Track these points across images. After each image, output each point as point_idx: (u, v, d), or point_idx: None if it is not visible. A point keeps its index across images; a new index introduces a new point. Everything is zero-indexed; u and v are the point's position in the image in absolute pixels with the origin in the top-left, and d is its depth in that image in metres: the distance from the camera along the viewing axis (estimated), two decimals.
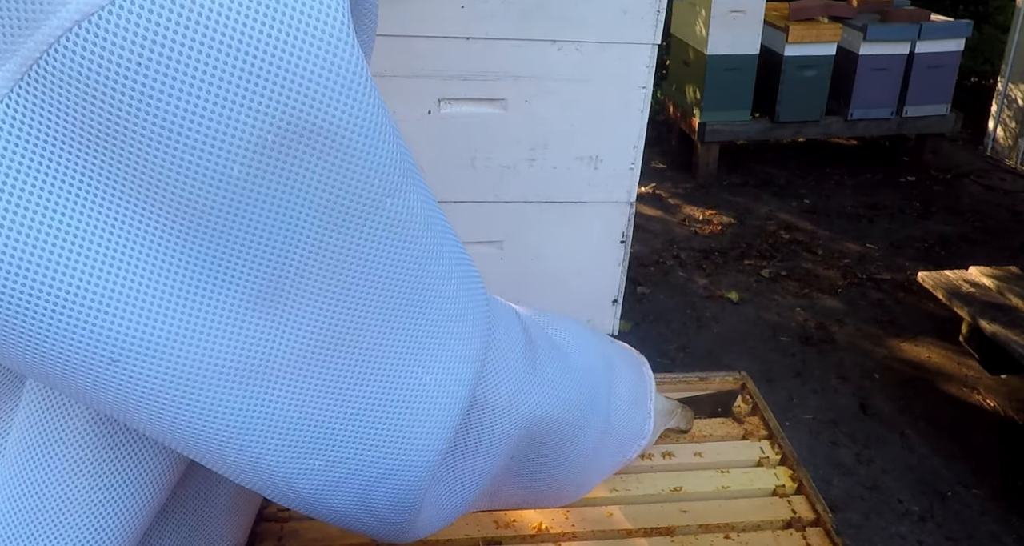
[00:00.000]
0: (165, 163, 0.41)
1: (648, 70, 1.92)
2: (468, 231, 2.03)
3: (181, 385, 0.45)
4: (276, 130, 0.41)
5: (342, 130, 0.43)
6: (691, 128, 4.71)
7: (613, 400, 0.79)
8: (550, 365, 0.69)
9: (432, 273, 0.53)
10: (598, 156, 1.99)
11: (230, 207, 0.43)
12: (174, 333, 0.44)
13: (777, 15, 4.62)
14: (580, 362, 0.75)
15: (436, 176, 1.96)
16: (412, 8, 1.79)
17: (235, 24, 0.39)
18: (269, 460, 0.50)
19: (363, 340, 0.51)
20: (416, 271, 0.52)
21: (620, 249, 2.09)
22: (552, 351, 0.71)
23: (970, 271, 3.23)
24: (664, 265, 3.89)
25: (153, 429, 0.48)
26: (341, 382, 0.51)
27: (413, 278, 0.52)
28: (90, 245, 0.42)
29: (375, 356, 0.52)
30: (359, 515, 0.57)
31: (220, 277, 0.44)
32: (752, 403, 1.23)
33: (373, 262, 0.49)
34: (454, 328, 0.55)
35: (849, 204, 4.61)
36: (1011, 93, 5.04)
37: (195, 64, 0.39)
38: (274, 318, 0.47)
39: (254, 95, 0.40)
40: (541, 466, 0.73)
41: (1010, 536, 2.43)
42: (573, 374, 0.72)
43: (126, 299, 0.43)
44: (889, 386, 3.09)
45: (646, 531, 0.99)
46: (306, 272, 0.47)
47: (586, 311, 2.15)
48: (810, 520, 1.02)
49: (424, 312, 0.53)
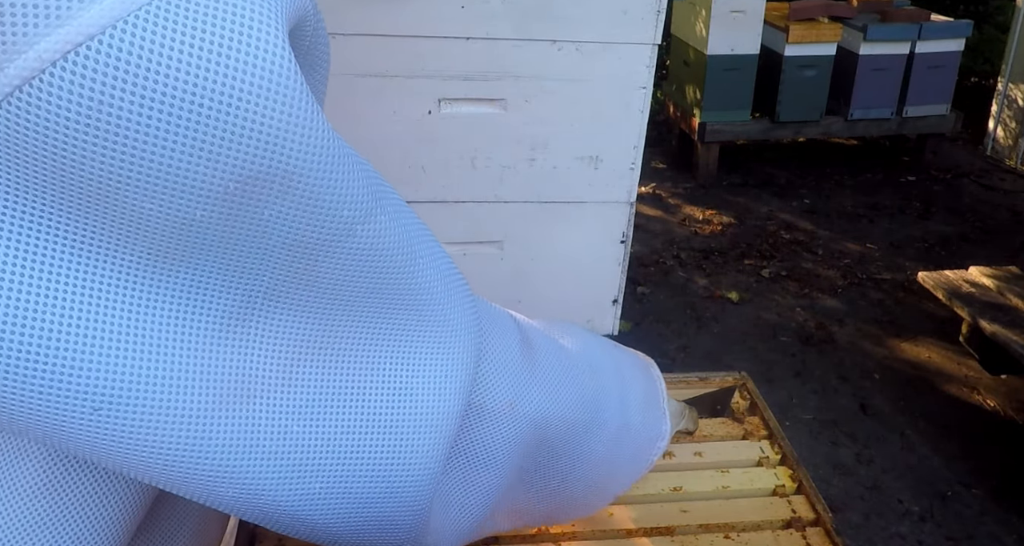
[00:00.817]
0: (127, 210, 0.41)
1: (648, 70, 1.92)
2: (468, 231, 2.03)
3: (165, 423, 0.44)
4: (237, 179, 0.42)
5: (303, 173, 0.44)
6: (691, 128, 4.71)
7: (626, 400, 0.78)
8: (551, 366, 0.68)
9: (410, 285, 0.53)
10: (598, 156, 1.99)
11: (196, 245, 0.43)
12: (152, 372, 0.43)
13: (777, 15, 4.62)
14: (584, 362, 0.74)
15: (436, 176, 1.96)
16: (412, 8, 1.79)
17: (185, 80, 0.39)
18: (264, 488, 0.49)
19: (345, 354, 0.50)
20: (394, 286, 0.52)
21: (620, 249, 2.09)
22: (553, 352, 0.70)
23: (970, 271, 3.23)
24: (664, 265, 3.89)
25: (143, 473, 0.47)
26: (328, 398, 0.50)
27: (391, 293, 0.52)
28: (55, 293, 0.41)
29: (359, 370, 0.51)
30: (366, 534, 0.56)
31: (190, 308, 0.44)
32: (752, 403, 1.23)
33: (347, 284, 0.49)
34: (440, 335, 0.55)
35: (849, 204, 4.61)
36: (1011, 93, 5.04)
37: (149, 118, 0.39)
38: (249, 341, 0.46)
39: (211, 147, 0.40)
40: (555, 470, 0.72)
41: (1010, 536, 2.43)
42: (577, 374, 0.71)
43: (99, 343, 0.42)
44: (889, 386, 3.09)
45: (646, 531, 0.99)
46: (278, 296, 0.47)
47: (586, 311, 2.15)
48: (810, 520, 1.02)
49: (406, 323, 0.53)
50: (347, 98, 1.84)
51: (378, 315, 0.51)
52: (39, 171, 0.39)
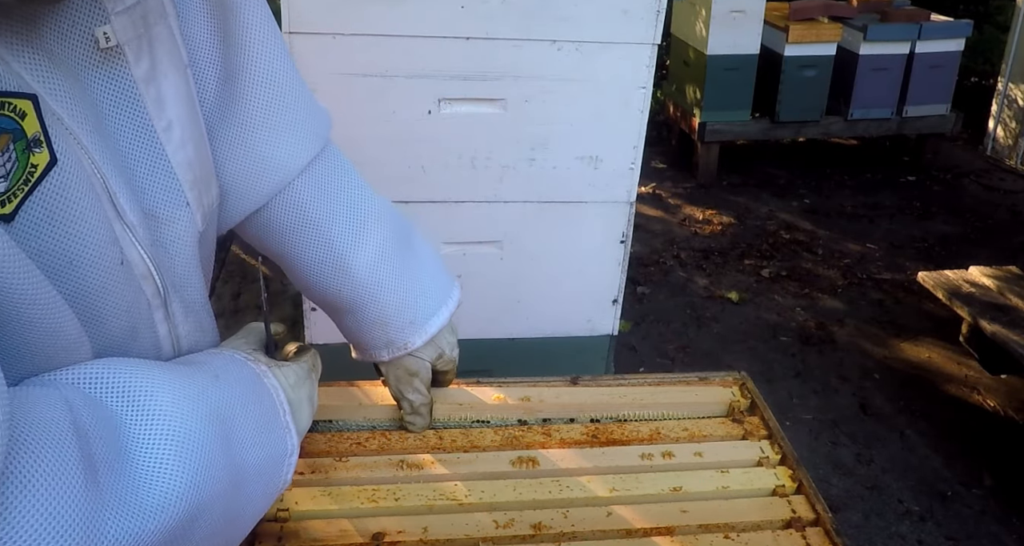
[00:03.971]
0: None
1: (648, 70, 1.92)
2: (468, 231, 2.02)
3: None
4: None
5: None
6: (691, 128, 4.71)
7: (233, 452, 0.71)
8: (119, 481, 0.59)
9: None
10: (598, 156, 1.99)
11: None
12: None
13: (777, 15, 4.62)
14: (175, 444, 0.64)
15: (436, 176, 1.96)
16: (412, 8, 1.79)
17: None
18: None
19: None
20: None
21: (620, 249, 2.09)
22: (117, 460, 0.60)
23: (970, 271, 3.23)
24: (664, 265, 3.89)
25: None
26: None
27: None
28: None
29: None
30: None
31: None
32: (752, 403, 1.23)
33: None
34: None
35: (849, 204, 4.61)
36: (1011, 93, 5.04)
37: None
38: None
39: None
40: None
41: (1010, 536, 2.43)
42: (163, 471, 0.62)
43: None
44: (889, 386, 3.09)
45: (646, 531, 0.99)
46: None
47: (586, 311, 2.15)
48: (810, 520, 1.02)
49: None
50: (347, 98, 1.84)
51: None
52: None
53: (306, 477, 1.03)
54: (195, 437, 0.66)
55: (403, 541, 0.95)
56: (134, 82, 0.70)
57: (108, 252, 0.66)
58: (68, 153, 0.62)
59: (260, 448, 0.75)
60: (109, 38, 0.66)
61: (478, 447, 1.10)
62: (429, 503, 1.00)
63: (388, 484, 1.03)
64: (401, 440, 1.11)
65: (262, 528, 0.96)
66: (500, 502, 1.01)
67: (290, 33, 1.77)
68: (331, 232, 0.97)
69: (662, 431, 1.15)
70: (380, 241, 0.99)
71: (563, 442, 1.12)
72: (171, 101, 0.73)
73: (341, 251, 0.97)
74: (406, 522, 0.97)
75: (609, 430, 1.15)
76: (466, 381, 1.20)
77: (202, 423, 0.67)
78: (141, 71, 0.70)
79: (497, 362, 2.05)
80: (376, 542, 0.95)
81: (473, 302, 2.16)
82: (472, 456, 1.08)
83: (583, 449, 1.11)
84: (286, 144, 0.90)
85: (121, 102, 0.69)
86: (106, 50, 0.66)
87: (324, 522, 0.97)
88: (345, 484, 1.03)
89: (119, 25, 0.66)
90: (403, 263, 1.02)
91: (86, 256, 0.64)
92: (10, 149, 0.56)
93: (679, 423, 1.17)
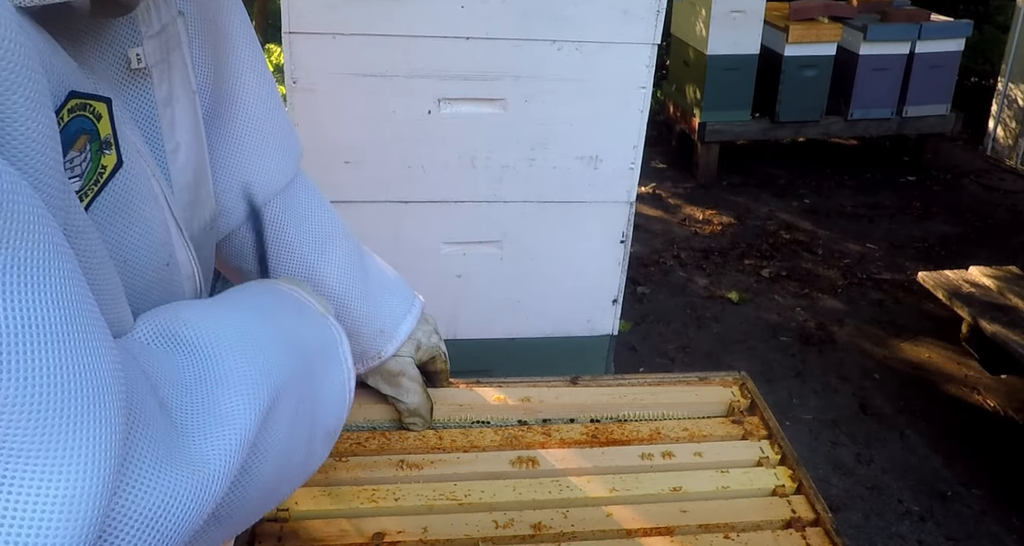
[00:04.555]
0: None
1: (648, 70, 1.92)
2: (468, 231, 2.02)
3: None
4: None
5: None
6: (691, 128, 4.71)
7: (287, 331, 0.75)
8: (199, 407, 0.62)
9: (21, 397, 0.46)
10: (598, 156, 1.99)
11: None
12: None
13: (777, 15, 4.62)
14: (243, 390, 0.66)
15: (436, 176, 1.96)
16: (412, 8, 1.79)
17: None
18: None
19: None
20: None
21: (620, 249, 2.09)
22: (205, 392, 0.63)
23: (970, 271, 3.23)
24: (664, 265, 3.89)
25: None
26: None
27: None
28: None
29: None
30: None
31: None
32: (752, 403, 1.23)
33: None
34: (69, 436, 0.47)
35: (849, 204, 4.61)
36: (1011, 93, 5.04)
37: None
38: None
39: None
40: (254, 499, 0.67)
41: (1010, 536, 2.43)
42: (234, 408, 0.64)
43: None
44: (889, 386, 3.09)
45: (646, 531, 0.99)
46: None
47: (586, 311, 2.15)
48: (810, 520, 1.02)
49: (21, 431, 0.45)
50: (347, 98, 1.84)
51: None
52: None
53: None
54: (251, 333, 0.70)
55: (403, 541, 0.95)
56: (154, 103, 0.72)
57: (159, 253, 0.70)
58: (131, 156, 0.65)
59: (310, 327, 0.80)
60: (140, 59, 0.68)
61: (478, 447, 1.10)
62: (429, 503, 1.00)
63: (388, 484, 1.03)
64: (401, 440, 1.11)
65: (261, 528, 0.96)
66: (500, 502, 1.01)
67: (290, 33, 1.77)
68: (302, 249, 1.01)
69: (662, 431, 1.15)
70: (346, 254, 1.05)
71: (563, 442, 1.12)
72: (181, 125, 0.75)
73: (311, 264, 1.02)
74: (406, 522, 0.97)
75: (609, 430, 1.15)
76: (466, 381, 1.20)
77: (251, 320, 0.73)
78: (162, 93, 0.73)
79: (497, 362, 2.05)
80: (376, 542, 0.95)
81: (473, 302, 2.16)
82: (472, 456, 1.08)
83: (583, 449, 1.11)
84: (269, 167, 0.96)
85: (142, 121, 0.71)
86: (135, 71, 0.69)
87: (324, 522, 0.97)
88: (345, 484, 1.03)
89: (149, 48, 0.69)
90: (366, 275, 1.07)
91: (140, 256, 0.67)
92: (87, 149, 0.59)
93: (679, 423, 1.17)
